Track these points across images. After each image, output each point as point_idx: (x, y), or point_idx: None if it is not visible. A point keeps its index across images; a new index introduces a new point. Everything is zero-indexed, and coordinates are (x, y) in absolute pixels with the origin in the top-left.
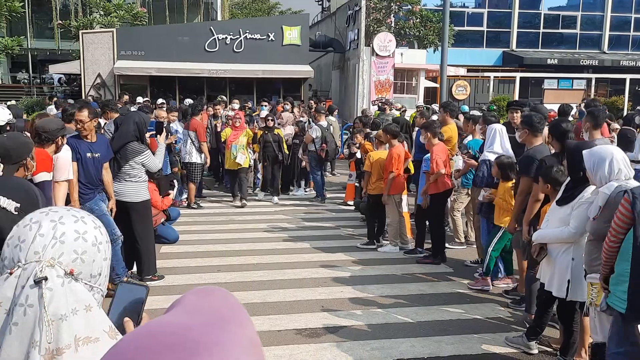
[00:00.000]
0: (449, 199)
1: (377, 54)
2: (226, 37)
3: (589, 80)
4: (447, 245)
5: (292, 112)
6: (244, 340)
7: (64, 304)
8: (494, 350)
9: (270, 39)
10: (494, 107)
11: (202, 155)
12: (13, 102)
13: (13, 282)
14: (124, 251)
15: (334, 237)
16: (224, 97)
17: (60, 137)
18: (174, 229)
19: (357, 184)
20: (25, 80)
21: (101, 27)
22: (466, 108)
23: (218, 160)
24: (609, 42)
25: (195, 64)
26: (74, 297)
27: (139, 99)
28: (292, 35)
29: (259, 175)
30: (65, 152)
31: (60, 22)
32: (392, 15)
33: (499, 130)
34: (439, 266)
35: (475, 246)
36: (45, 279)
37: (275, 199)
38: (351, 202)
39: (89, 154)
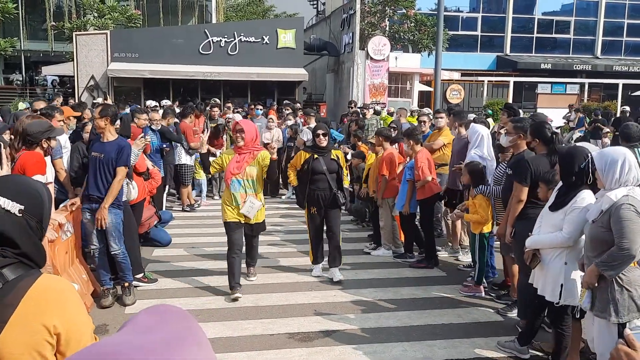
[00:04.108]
0: (438, 203)
1: (371, 58)
2: (221, 40)
3: (582, 85)
4: (441, 249)
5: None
6: (198, 358)
7: None
8: (486, 354)
9: (264, 42)
10: (491, 112)
11: (193, 157)
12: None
13: None
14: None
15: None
16: (217, 100)
17: (45, 140)
18: (166, 232)
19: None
20: (19, 82)
21: (95, 29)
22: None
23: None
24: (602, 47)
25: (190, 66)
26: None
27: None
28: (286, 38)
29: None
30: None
31: (54, 23)
32: (386, 19)
33: (485, 134)
34: (432, 270)
35: (468, 250)
36: None
37: (337, 272)
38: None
39: (94, 153)
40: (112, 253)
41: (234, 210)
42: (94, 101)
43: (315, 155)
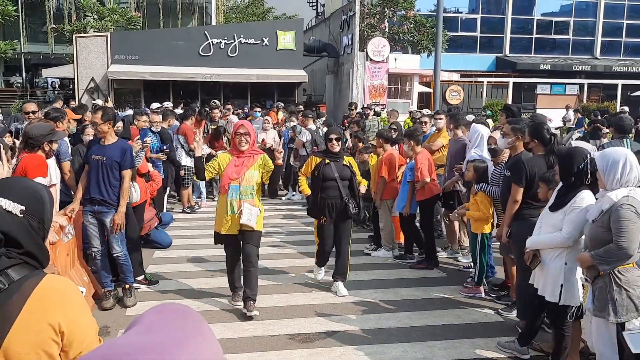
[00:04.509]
0: (438, 203)
1: (371, 59)
2: (220, 42)
3: (581, 85)
4: (441, 250)
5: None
6: (206, 356)
7: None
8: (486, 355)
9: (264, 44)
10: (490, 113)
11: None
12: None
13: None
14: (109, 257)
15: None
16: (217, 102)
17: (46, 143)
18: (167, 233)
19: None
20: (19, 84)
21: (95, 31)
22: None
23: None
24: (601, 47)
25: (190, 68)
26: None
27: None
28: (286, 40)
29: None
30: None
31: (54, 26)
32: (386, 20)
33: (485, 134)
34: (432, 271)
35: (468, 251)
36: None
37: (341, 286)
38: None
39: (95, 156)
40: (114, 255)
41: (229, 220)
42: (93, 102)
43: (327, 161)
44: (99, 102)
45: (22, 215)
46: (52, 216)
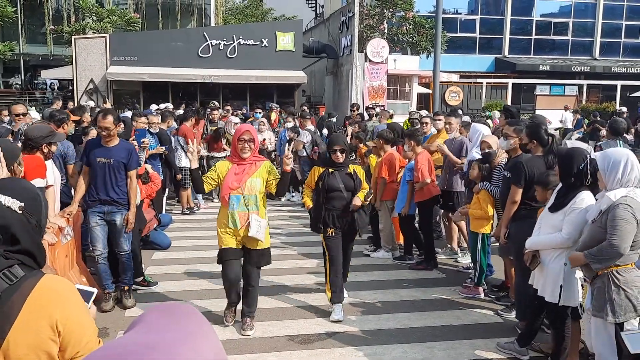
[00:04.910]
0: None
1: (370, 60)
2: (220, 43)
3: (580, 86)
4: (440, 251)
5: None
6: (209, 354)
7: None
8: (485, 356)
9: (263, 45)
10: (490, 114)
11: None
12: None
13: None
14: (109, 259)
15: None
16: (217, 103)
17: (45, 145)
18: (166, 235)
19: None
20: (18, 86)
21: (94, 33)
22: None
23: (205, 165)
24: (600, 48)
25: (189, 69)
26: None
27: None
28: (285, 41)
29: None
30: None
31: (53, 27)
32: (385, 21)
33: (486, 133)
34: (432, 272)
35: (467, 252)
36: None
37: (345, 293)
38: None
39: (100, 159)
40: (121, 254)
41: (232, 235)
42: (85, 104)
43: (331, 170)
44: (92, 103)
45: (20, 212)
46: (47, 219)
